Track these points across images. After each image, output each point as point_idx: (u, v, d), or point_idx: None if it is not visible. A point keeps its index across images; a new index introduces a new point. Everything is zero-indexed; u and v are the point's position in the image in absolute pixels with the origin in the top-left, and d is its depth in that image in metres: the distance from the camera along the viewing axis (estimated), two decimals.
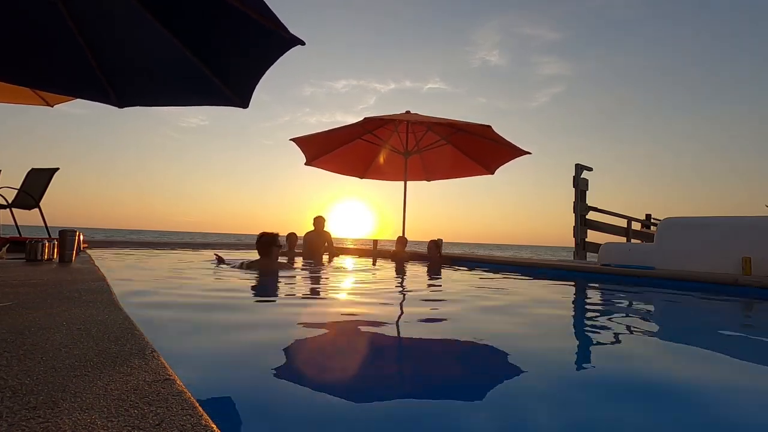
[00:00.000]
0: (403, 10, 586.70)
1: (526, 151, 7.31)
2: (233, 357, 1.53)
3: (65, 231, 3.52)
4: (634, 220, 8.76)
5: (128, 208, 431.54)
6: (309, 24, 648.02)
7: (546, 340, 2.02)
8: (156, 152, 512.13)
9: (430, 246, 6.77)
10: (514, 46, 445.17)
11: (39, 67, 3.35)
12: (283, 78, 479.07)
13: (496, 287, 3.99)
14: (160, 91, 3.69)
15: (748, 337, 2.34)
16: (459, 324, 2.34)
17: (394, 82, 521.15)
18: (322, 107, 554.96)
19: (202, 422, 0.67)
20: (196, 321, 2.11)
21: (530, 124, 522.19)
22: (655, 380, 1.48)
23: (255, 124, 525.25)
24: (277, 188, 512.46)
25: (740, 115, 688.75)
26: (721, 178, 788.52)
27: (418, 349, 1.85)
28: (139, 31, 3.04)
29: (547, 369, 1.56)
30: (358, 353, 1.73)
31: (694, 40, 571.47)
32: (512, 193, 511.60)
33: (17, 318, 1.34)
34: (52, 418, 0.67)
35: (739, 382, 1.51)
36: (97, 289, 1.99)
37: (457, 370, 1.56)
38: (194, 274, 4.14)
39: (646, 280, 4.53)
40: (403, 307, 2.87)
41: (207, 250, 7.98)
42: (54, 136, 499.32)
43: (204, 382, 1.24)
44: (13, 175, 10.16)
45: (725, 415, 1.20)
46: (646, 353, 1.87)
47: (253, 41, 2.88)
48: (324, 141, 7.87)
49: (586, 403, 1.26)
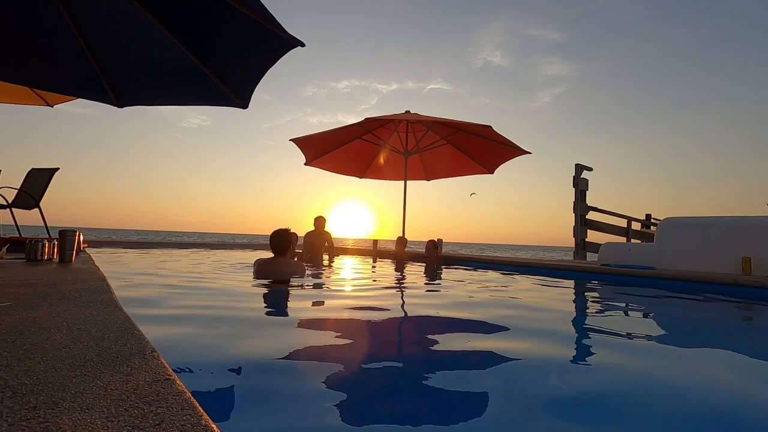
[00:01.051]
0: (406, 11, 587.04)
1: (526, 151, 7.32)
2: (233, 357, 1.53)
3: (65, 231, 3.52)
4: (634, 220, 8.75)
5: (129, 208, 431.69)
6: (312, 24, 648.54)
7: (545, 341, 2.02)
8: (158, 152, 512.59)
9: (428, 246, 6.78)
10: (517, 47, 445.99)
11: (38, 67, 3.35)
12: (285, 78, 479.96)
13: (495, 287, 3.99)
14: (159, 90, 3.69)
15: (748, 338, 2.34)
16: (459, 324, 2.34)
17: (396, 83, 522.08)
18: (324, 107, 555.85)
19: (202, 422, 0.67)
20: (198, 323, 2.11)
21: (531, 124, 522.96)
22: (655, 380, 1.48)
23: (257, 125, 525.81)
24: (278, 188, 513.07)
25: (741, 115, 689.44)
26: (721, 178, 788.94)
27: (419, 349, 1.85)
28: (138, 30, 3.04)
29: (547, 369, 1.56)
30: (359, 354, 1.73)
31: (695, 41, 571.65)
32: (512, 193, 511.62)
33: (17, 318, 1.34)
34: (52, 418, 0.67)
35: (739, 383, 1.51)
36: (97, 289, 1.98)
37: (456, 370, 1.56)
38: (201, 274, 4.14)
39: (646, 280, 4.53)
40: (405, 309, 2.87)
41: (215, 250, 7.98)
42: (54, 136, 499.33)
43: (204, 382, 1.24)
44: (13, 175, 10.13)
45: (725, 414, 1.20)
46: (646, 354, 1.87)
47: (254, 42, 2.88)
48: (324, 141, 7.87)
49: (586, 403, 1.26)
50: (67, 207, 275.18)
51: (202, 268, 4.69)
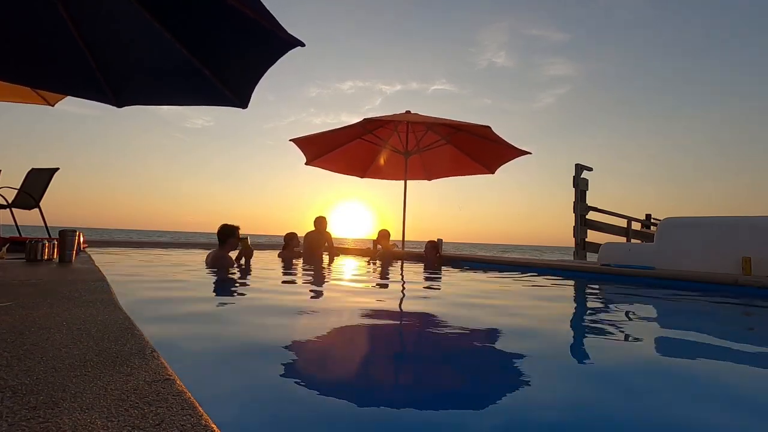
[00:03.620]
0: (411, 12, 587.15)
1: (526, 151, 7.32)
2: (234, 356, 1.53)
3: (65, 231, 3.52)
4: (634, 220, 8.75)
5: (129, 208, 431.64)
6: (316, 25, 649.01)
7: (545, 340, 2.02)
8: (160, 153, 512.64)
9: (427, 246, 6.77)
10: (521, 47, 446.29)
11: (38, 67, 3.35)
12: (288, 79, 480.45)
13: (495, 288, 3.99)
14: (158, 90, 3.68)
15: (748, 338, 2.34)
16: (459, 324, 2.34)
17: (400, 83, 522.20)
18: (328, 108, 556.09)
19: (202, 422, 0.67)
20: (198, 323, 2.11)
21: (533, 124, 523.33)
22: (655, 380, 1.48)
23: (259, 125, 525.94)
24: (279, 188, 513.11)
25: (741, 115, 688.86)
26: (721, 178, 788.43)
27: (420, 350, 1.85)
28: (137, 30, 3.04)
29: (546, 369, 1.56)
30: (359, 355, 1.73)
31: (695, 41, 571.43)
32: (512, 193, 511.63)
33: (17, 318, 1.34)
34: (52, 418, 0.67)
35: (739, 383, 1.51)
36: (97, 289, 1.98)
37: (456, 369, 1.56)
38: (201, 274, 4.14)
39: (646, 280, 4.53)
40: (403, 309, 2.87)
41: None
42: (54, 136, 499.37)
43: (204, 382, 1.24)
44: (13, 175, 10.14)
45: (725, 414, 1.20)
46: (646, 354, 1.87)
47: (253, 41, 2.88)
48: (324, 141, 7.87)
49: (586, 403, 1.26)
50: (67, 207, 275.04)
51: (203, 267, 4.69)
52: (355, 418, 1.10)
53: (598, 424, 1.12)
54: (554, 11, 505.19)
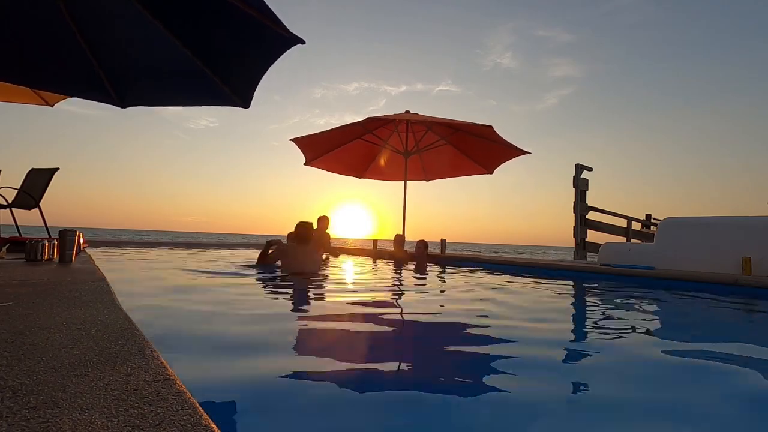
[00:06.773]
0: (417, 13, 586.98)
1: (525, 151, 7.32)
2: (234, 356, 1.53)
3: (65, 231, 3.52)
4: (634, 220, 8.75)
5: (129, 208, 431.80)
6: (322, 26, 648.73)
7: (544, 340, 2.02)
8: (163, 153, 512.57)
9: (417, 245, 6.80)
10: (526, 48, 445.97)
11: (39, 67, 3.35)
12: (294, 80, 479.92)
13: (494, 287, 3.99)
14: (161, 91, 3.68)
15: (747, 338, 2.34)
16: (458, 324, 2.34)
17: (405, 84, 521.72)
18: (332, 109, 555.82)
19: (202, 422, 0.67)
20: (199, 323, 2.11)
21: (537, 124, 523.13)
22: (655, 380, 1.48)
23: (264, 126, 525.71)
24: (281, 188, 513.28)
25: (741, 115, 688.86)
26: (721, 178, 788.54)
27: (420, 350, 1.85)
28: (139, 30, 3.03)
29: (546, 369, 1.56)
30: (359, 355, 1.73)
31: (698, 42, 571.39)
32: (512, 193, 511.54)
33: (17, 318, 1.34)
34: (52, 418, 0.67)
35: (739, 383, 1.51)
36: (97, 289, 1.98)
37: (455, 369, 1.56)
38: (201, 274, 4.14)
39: (646, 280, 4.53)
40: (403, 309, 2.87)
41: (215, 249, 7.98)
42: (54, 136, 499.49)
43: (204, 382, 1.24)
44: (13, 175, 10.14)
45: (725, 414, 1.20)
46: (646, 354, 1.87)
47: (253, 40, 2.88)
48: (324, 141, 7.86)
49: (585, 403, 1.26)
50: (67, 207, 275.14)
51: (203, 266, 4.69)
52: (356, 418, 1.10)
53: (598, 424, 1.12)
54: (561, 12, 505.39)
